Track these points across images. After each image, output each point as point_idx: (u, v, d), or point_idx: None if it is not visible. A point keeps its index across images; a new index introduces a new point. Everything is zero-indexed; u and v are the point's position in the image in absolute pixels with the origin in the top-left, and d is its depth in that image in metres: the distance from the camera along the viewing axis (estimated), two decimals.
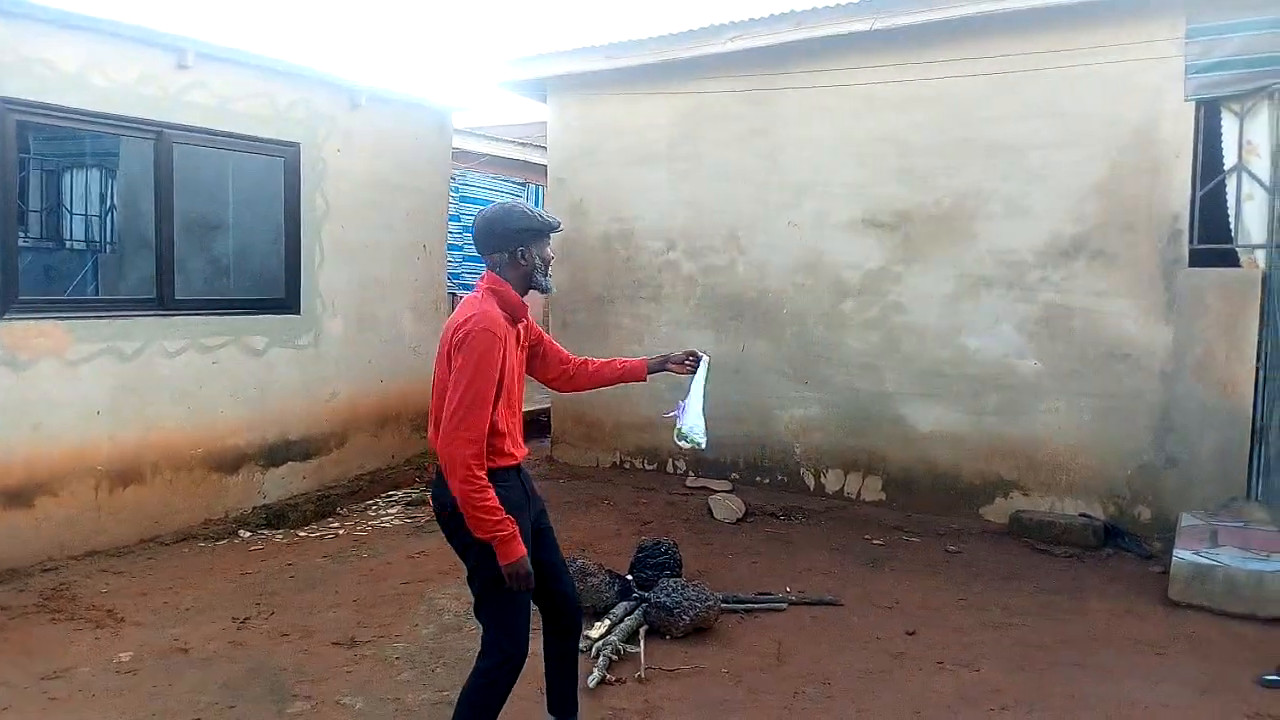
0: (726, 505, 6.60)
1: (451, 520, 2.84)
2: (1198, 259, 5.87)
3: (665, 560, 4.97)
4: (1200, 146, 5.86)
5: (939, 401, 6.66)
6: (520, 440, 3.02)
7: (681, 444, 3.19)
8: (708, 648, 4.31)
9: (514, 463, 2.95)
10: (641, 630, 4.36)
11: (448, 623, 4.60)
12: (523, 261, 2.93)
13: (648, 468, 7.86)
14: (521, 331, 3.01)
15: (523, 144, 12.89)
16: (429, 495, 3.23)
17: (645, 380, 3.41)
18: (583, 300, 8.16)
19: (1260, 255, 5.71)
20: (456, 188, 11.90)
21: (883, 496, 6.87)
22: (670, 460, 7.74)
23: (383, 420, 7.72)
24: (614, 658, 4.08)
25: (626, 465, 7.96)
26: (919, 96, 6.59)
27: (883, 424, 6.87)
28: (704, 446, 3.20)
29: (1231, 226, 5.85)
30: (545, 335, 3.25)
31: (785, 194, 7.18)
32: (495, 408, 2.78)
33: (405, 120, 7.91)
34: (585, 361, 3.35)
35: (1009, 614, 4.76)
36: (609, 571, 4.75)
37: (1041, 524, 6.04)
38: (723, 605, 4.65)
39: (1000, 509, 6.42)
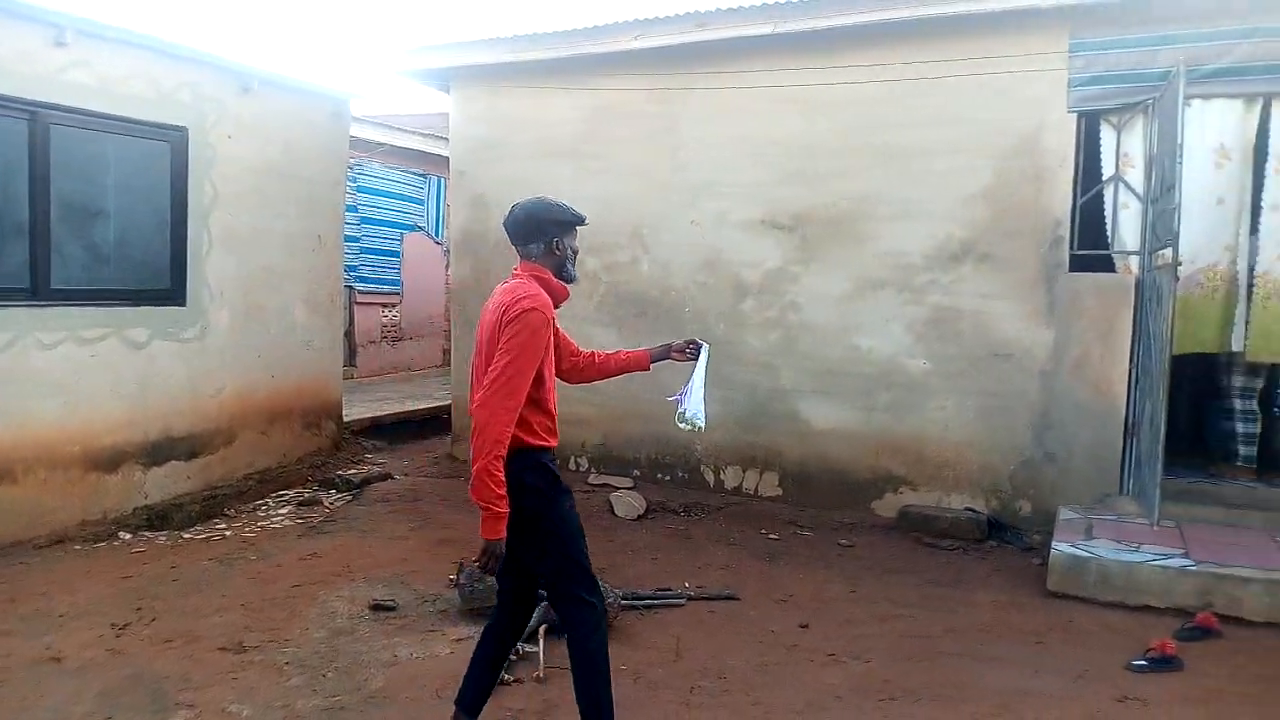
0: (628, 502, 6.62)
1: (515, 516, 2.88)
2: (1077, 264, 6.17)
3: None
4: (1081, 157, 6.16)
5: (833, 399, 6.82)
6: (554, 420, 3.10)
7: (682, 425, 3.41)
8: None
9: (554, 445, 3.07)
10: (542, 629, 4.33)
11: (340, 626, 4.49)
12: (557, 251, 3.12)
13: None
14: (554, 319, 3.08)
15: (426, 135, 12.67)
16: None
17: (649, 369, 3.56)
18: (485, 295, 7.96)
19: (1134, 261, 6.03)
20: (354, 177, 11.63)
21: (780, 492, 7.00)
22: (573, 458, 7.73)
23: (273, 417, 7.48)
24: (512, 658, 4.04)
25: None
26: (819, 100, 6.73)
27: (780, 421, 7.00)
28: (703, 428, 3.45)
29: (1109, 234, 6.16)
30: (559, 328, 3.28)
31: (688, 193, 7.24)
32: (544, 388, 2.95)
33: (300, 106, 7.66)
34: (593, 354, 3.51)
35: (897, 606, 4.91)
36: None
37: (929, 518, 6.25)
38: (623, 602, 4.66)
39: (890, 504, 6.62)
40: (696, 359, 3.43)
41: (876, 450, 6.72)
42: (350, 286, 11.76)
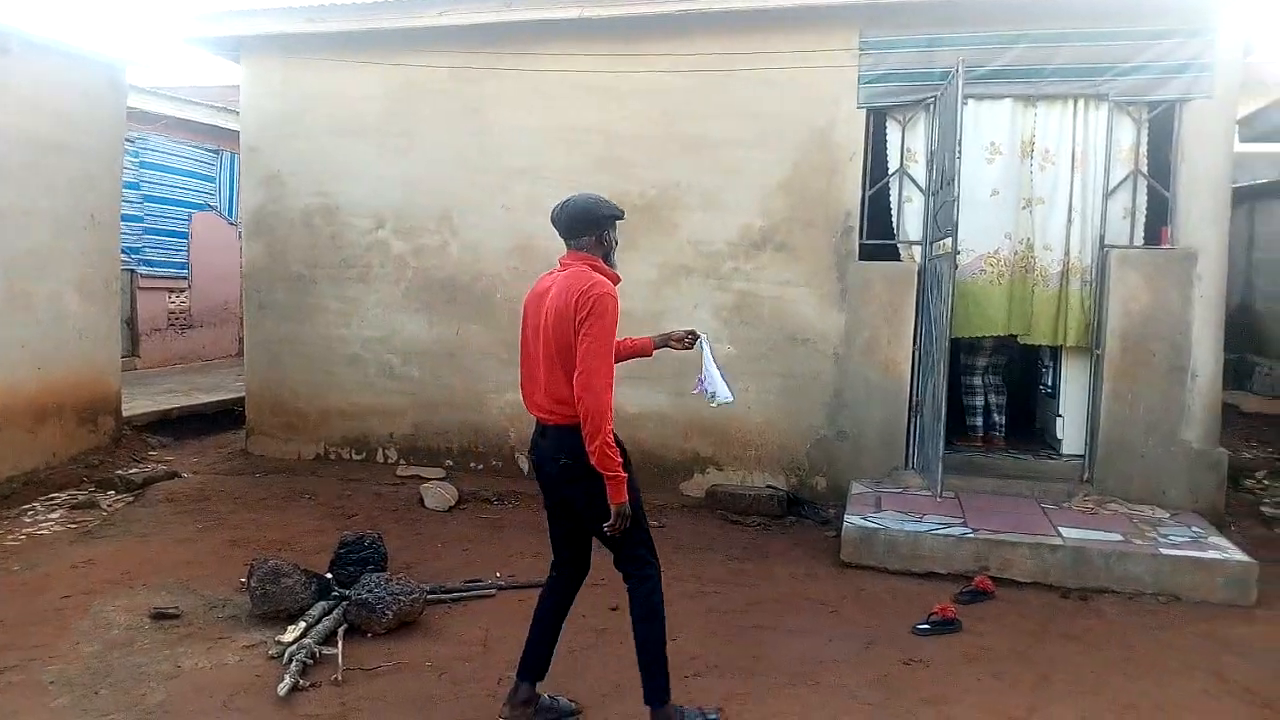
0: (439, 494, 6.46)
1: (571, 468, 3.20)
2: (867, 253, 6.52)
3: (369, 555, 4.77)
4: (870, 151, 6.50)
5: (645, 383, 6.90)
6: None
7: (714, 405, 3.72)
8: (412, 642, 4.19)
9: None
10: (340, 630, 4.16)
11: (116, 638, 4.13)
12: (604, 242, 3.34)
13: (355, 458, 7.52)
14: None
15: (218, 108, 11.84)
16: (529, 452, 3.51)
17: (652, 356, 3.77)
18: (281, 279, 7.63)
19: (917, 251, 6.43)
20: (136, 152, 10.75)
21: None
22: (380, 449, 7.46)
23: (42, 414, 6.79)
24: (309, 662, 3.86)
25: (332, 456, 7.57)
26: (628, 89, 6.77)
27: None
28: (733, 402, 3.78)
29: (895, 224, 6.55)
30: None
31: (499, 176, 7.12)
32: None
33: (69, 72, 6.96)
34: None
35: (703, 583, 5.04)
36: (305, 571, 4.48)
37: (734, 496, 6.46)
38: (429, 596, 4.55)
39: (699, 484, 6.79)
40: (692, 348, 3.71)
41: (686, 432, 6.87)
42: (132, 270, 10.88)
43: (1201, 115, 5.99)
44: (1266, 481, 7.20)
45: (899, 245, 6.55)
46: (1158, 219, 6.21)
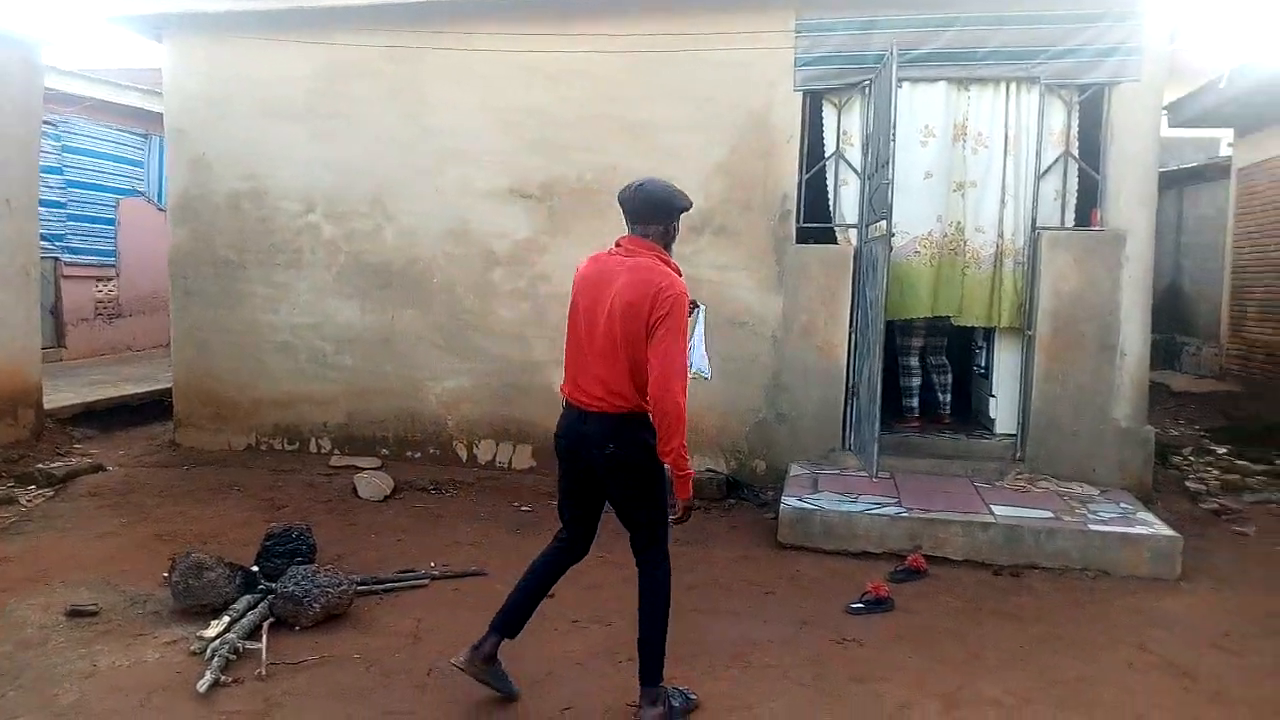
0: (373, 483, 6.34)
1: (618, 457, 3.25)
2: (804, 236, 6.53)
3: (297, 547, 4.65)
4: (807, 134, 6.49)
5: None
6: None
7: (690, 376, 3.54)
8: (341, 635, 4.09)
9: None
10: (266, 624, 4.05)
11: (29, 637, 3.97)
12: (670, 233, 3.36)
13: (288, 448, 7.35)
14: None
15: (146, 91, 11.45)
16: (560, 434, 3.45)
17: None
18: (209, 265, 7.41)
19: (853, 234, 6.45)
20: (57, 135, 10.39)
21: (534, 464, 6.96)
22: (314, 439, 7.30)
23: None
24: (232, 657, 3.74)
25: (263, 447, 7.39)
26: (563, 70, 6.67)
27: (533, 392, 6.94)
28: (709, 378, 3.88)
29: (831, 207, 6.56)
30: None
31: (433, 159, 6.98)
32: None
33: None
34: None
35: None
36: (230, 564, 4.35)
37: None
38: (359, 588, 4.45)
39: None
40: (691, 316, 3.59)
41: None
42: (55, 258, 10.52)
43: (1130, 99, 6.08)
44: (1192, 458, 7.39)
45: (835, 228, 6.56)
46: (1088, 201, 6.30)
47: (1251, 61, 8.35)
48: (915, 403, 6.96)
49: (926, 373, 7.04)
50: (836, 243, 6.53)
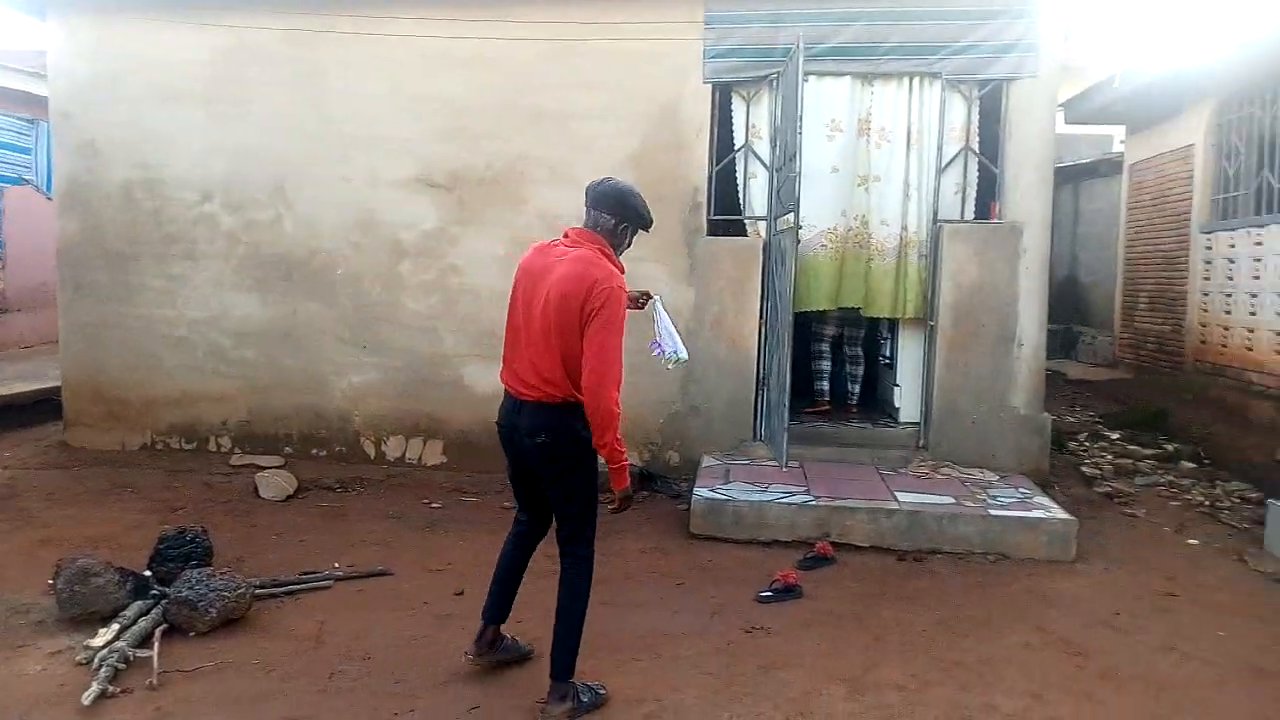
0: (275, 482, 6.14)
1: (549, 447, 3.29)
2: (715, 228, 6.56)
3: (191, 550, 4.48)
4: (716, 126, 6.52)
5: (497, 362, 6.61)
6: None
7: (670, 367, 3.86)
8: (239, 639, 3.95)
9: None
10: (158, 631, 3.88)
11: None
12: (619, 234, 3.37)
13: (185, 447, 7.07)
14: None
15: (32, 74, 10.84)
16: (498, 420, 3.55)
17: None
18: (99, 257, 7.07)
19: (762, 226, 6.51)
20: None
21: (444, 459, 6.84)
22: (213, 438, 7.04)
23: None
24: (121, 666, 3.58)
25: (159, 446, 7.09)
26: (471, 57, 6.56)
27: (443, 387, 6.83)
28: (686, 360, 3.81)
29: (741, 200, 6.60)
30: None
31: (337, 147, 6.79)
32: None
33: None
34: None
35: (552, 561, 4.86)
36: (120, 569, 4.16)
37: None
38: (259, 590, 4.31)
39: None
40: (644, 308, 3.75)
41: None
42: None
43: (1027, 95, 6.26)
44: (1087, 444, 7.69)
45: (745, 221, 6.61)
46: (987, 194, 6.48)
47: (1141, 62, 8.70)
48: (826, 386, 7.10)
49: (840, 361, 7.17)
50: (746, 235, 6.58)
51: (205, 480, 6.39)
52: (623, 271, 3.31)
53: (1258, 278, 7.66)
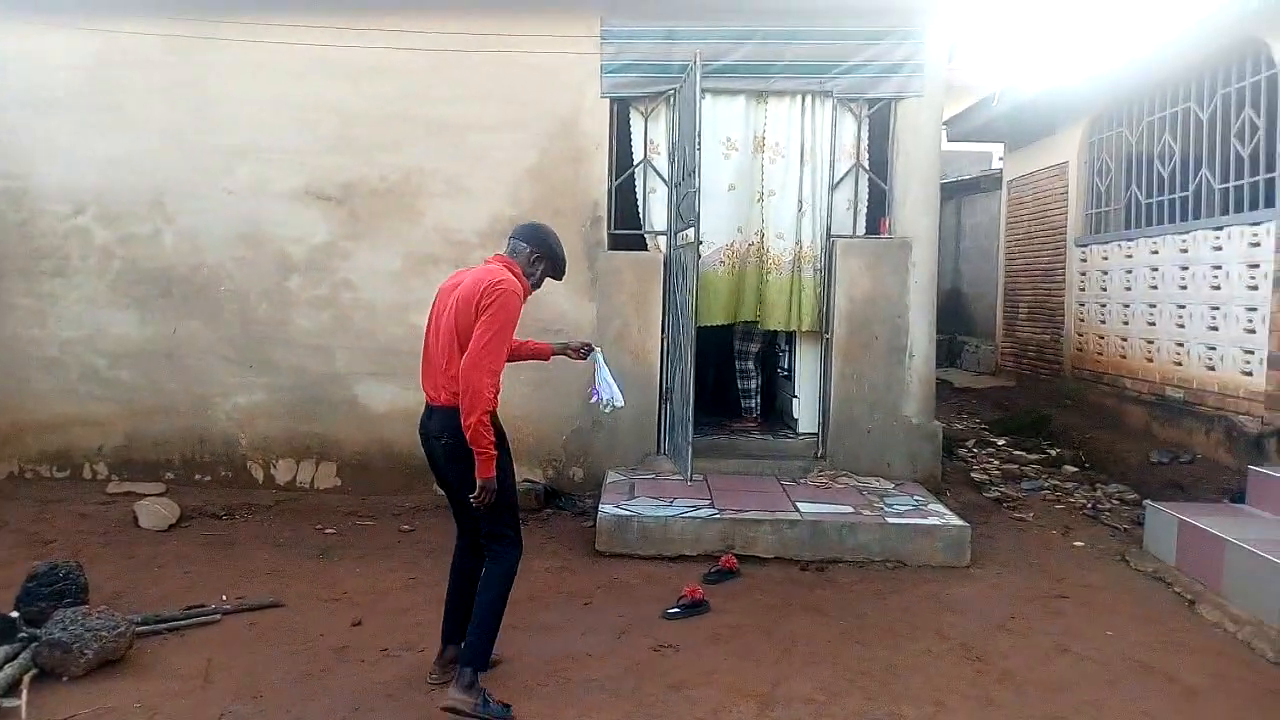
0: (156, 511, 5.82)
1: (453, 447, 3.44)
2: (616, 243, 6.55)
3: (65, 587, 4.18)
4: (615, 141, 6.52)
5: (393, 380, 6.58)
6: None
7: (606, 411, 4.17)
8: (118, 682, 3.70)
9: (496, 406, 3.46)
10: (27, 677, 3.60)
11: None
12: (534, 265, 3.64)
13: (57, 475, 6.64)
14: None
15: None
16: (420, 431, 3.70)
17: (549, 360, 4.14)
18: None
19: (663, 241, 6.53)
20: None
21: (338, 482, 6.62)
22: (88, 464, 6.64)
23: None
24: None
25: (29, 474, 6.65)
26: (363, 66, 6.41)
27: (336, 407, 6.61)
28: (622, 405, 4.14)
29: (641, 214, 6.61)
30: None
31: (221, 157, 6.52)
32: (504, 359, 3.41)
33: None
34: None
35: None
36: None
37: None
38: (140, 628, 4.05)
39: None
40: (586, 358, 4.11)
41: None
42: None
43: (914, 112, 6.47)
44: (976, 450, 7.96)
45: (646, 235, 6.62)
46: (878, 210, 6.65)
47: (1019, 82, 9.11)
48: (755, 403, 7.18)
49: (757, 376, 7.29)
50: (646, 249, 6.59)
51: (80, 510, 6.01)
52: (528, 293, 3.54)
53: (1129, 289, 8.10)
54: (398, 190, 6.49)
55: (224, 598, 4.60)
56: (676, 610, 4.50)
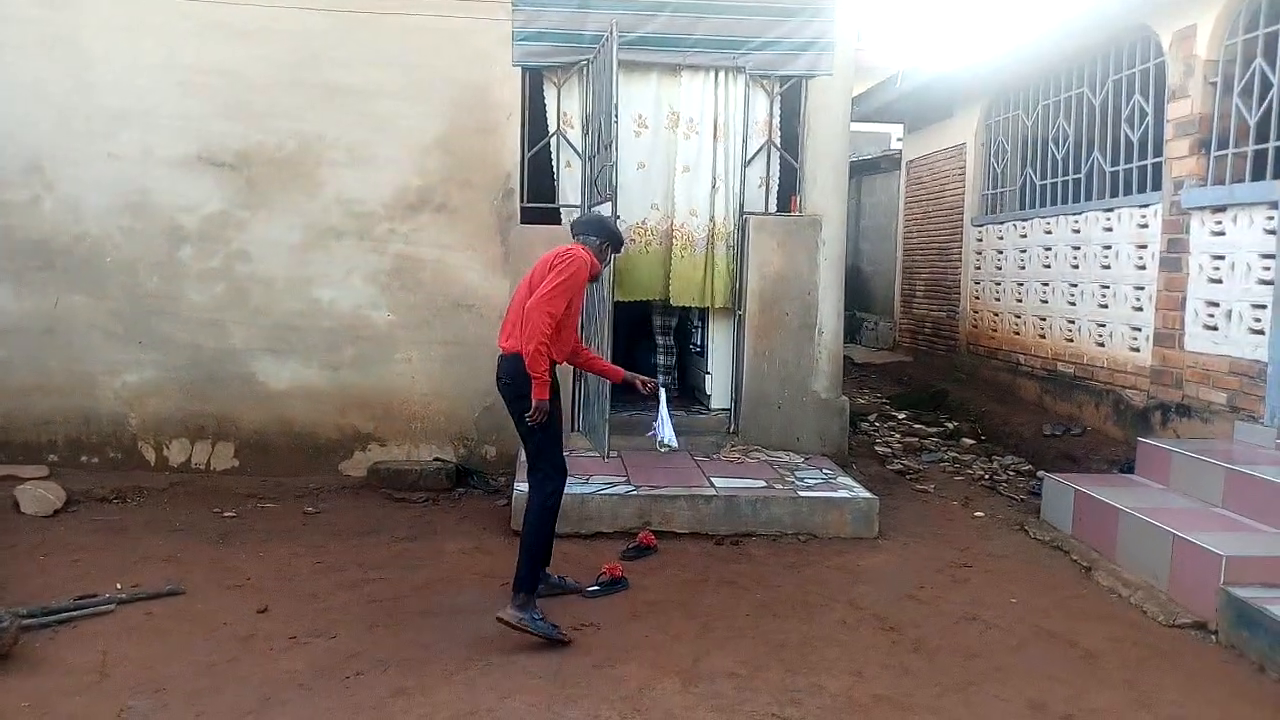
0: (39, 495, 5.47)
1: (510, 388, 4.06)
2: (529, 216, 6.42)
3: None
4: (528, 112, 6.37)
5: (293, 357, 6.34)
6: (564, 351, 4.21)
7: (662, 449, 4.84)
8: (6, 679, 3.45)
9: (559, 360, 4.17)
10: None
11: None
12: (601, 254, 4.26)
13: None
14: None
15: None
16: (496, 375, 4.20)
17: (619, 382, 4.50)
18: None
19: (576, 214, 6.43)
20: None
21: (236, 463, 6.35)
22: None
23: None
24: None
25: None
26: (258, 27, 6.10)
27: (232, 384, 6.32)
28: (677, 447, 4.89)
29: (556, 188, 6.50)
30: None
31: (103, 121, 6.12)
32: (569, 315, 4.05)
33: None
34: (579, 344, 4.41)
35: (365, 570, 4.71)
36: None
37: (398, 472, 6.15)
38: (26, 621, 3.79)
39: (360, 462, 6.38)
40: (653, 397, 4.54)
41: (343, 408, 6.40)
42: None
43: (824, 91, 6.53)
44: (878, 424, 8.18)
45: (561, 209, 6.51)
46: (789, 188, 6.71)
47: (918, 64, 9.31)
48: (671, 379, 7.17)
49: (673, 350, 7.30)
50: (561, 223, 6.48)
51: None
52: (596, 270, 4.15)
53: (1023, 268, 8.41)
54: (296, 159, 6.22)
55: (118, 586, 4.35)
56: (597, 588, 4.48)
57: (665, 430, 4.57)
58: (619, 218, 5.76)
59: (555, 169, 6.50)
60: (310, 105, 6.17)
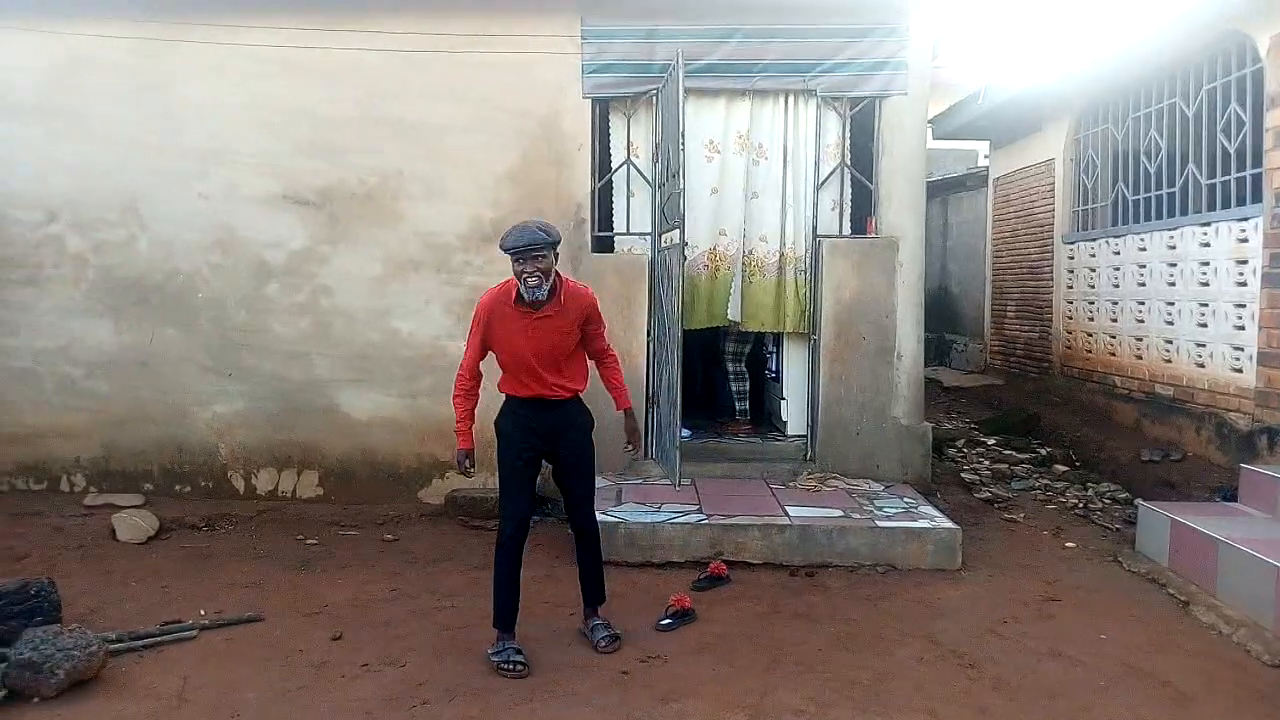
0: (134, 523, 5.70)
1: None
2: (599, 245, 6.46)
3: (36, 605, 4.06)
4: (597, 142, 6.43)
5: (374, 387, 6.49)
6: (528, 382, 4.29)
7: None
8: (91, 703, 3.59)
9: (513, 393, 4.34)
10: None
11: None
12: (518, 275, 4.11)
13: (33, 488, 6.51)
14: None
15: None
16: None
17: (616, 411, 4.58)
18: None
19: (648, 243, 6.45)
20: None
21: (320, 491, 6.51)
22: (64, 476, 6.51)
23: None
24: None
25: (3, 488, 6.51)
26: (336, 68, 6.32)
27: (317, 414, 6.50)
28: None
29: (625, 216, 6.53)
30: (597, 318, 4.33)
31: (192, 162, 6.41)
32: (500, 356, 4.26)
33: None
34: (601, 357, 4.51)
35: (439, 598, 4.76)
36: None
37: (475, 500, 6.20)
38: (114, 646, 3.95)
39: (438, 490, 6.46)
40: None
41: (422, 436, 6.51)
42: None
43: (898, 111, 6.40)
44: (965, 449, 7.91)
45: (631, 237, 6.53)
46: (863, 210, 6.58)
47: (1004, 79, 9.07)
48: (747, 406, 7.10)
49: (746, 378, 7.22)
50: (632, 252, 6.50)
51: (55, 524, 5.88)
52: (507, 294, 4.13)
53: (1117, 285, 8.06)
54: (376, 194, 6.40)
55: (201, 612, 4.49)
56: (669, 621, 4.41)
57: None
58: (687, 243, 5.76)
59: (624, 197, 6.53)
60: (387, 141, 6.35)
